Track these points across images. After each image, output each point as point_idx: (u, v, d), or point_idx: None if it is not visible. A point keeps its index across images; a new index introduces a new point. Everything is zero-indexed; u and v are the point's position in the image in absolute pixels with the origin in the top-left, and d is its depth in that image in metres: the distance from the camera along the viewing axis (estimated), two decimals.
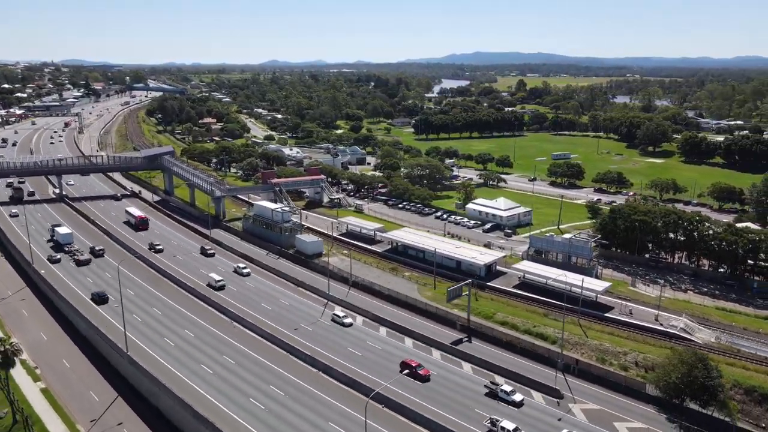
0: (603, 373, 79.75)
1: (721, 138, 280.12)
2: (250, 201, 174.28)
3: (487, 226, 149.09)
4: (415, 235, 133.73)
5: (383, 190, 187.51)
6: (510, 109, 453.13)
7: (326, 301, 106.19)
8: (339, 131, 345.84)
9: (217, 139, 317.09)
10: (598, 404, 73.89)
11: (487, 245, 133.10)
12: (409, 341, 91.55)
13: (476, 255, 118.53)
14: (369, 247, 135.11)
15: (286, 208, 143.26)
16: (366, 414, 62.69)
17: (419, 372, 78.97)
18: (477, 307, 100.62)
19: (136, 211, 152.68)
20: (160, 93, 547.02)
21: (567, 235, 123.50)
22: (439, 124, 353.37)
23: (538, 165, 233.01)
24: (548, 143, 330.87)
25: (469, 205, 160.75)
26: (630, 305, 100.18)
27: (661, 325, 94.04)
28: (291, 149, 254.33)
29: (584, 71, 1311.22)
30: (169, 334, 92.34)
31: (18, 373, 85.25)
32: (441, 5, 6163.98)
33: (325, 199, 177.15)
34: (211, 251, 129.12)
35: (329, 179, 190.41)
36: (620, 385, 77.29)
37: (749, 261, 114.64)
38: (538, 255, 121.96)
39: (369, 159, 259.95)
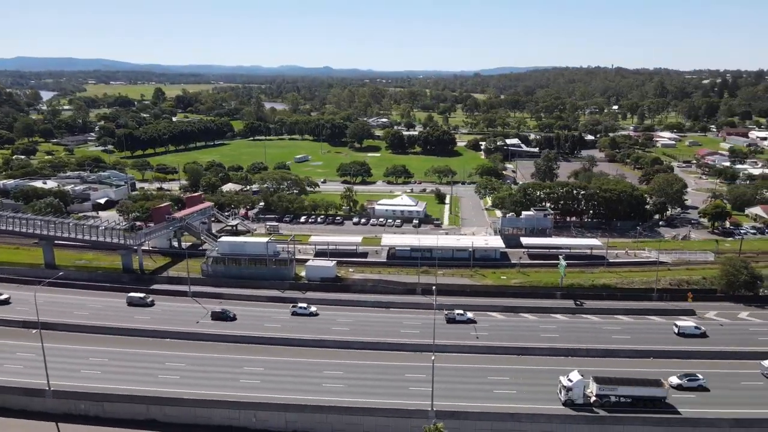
0: (677, 290, 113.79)
1: (415, 132, 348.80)
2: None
3: (416, 221, 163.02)
4: (407, 238, 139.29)
5: (252, 210, 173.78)
6: (175, 119, 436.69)
7: (444, 311, 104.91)
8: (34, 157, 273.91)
9: None
10: (715, 310, 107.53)
11: (447, 234, 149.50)
12: (559, 316, 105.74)
13: (481, 243, 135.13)
14: (364, 259, 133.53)
15: (271, 239, 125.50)
16: None
17: None
18: (539, 279, 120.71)
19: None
20: None
21: (528, 213, 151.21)
22: (146, 139, 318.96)
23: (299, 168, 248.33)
24: (271, 148, 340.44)
25: (379, 207, 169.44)
26: (615, 252, 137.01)
27: (641, 258, 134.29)
28: (44, 183, 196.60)
29: (162, 78, 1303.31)
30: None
31: None
32: None
33: (215, 228, 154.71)
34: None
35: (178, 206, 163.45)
36: (701, 295, 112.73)
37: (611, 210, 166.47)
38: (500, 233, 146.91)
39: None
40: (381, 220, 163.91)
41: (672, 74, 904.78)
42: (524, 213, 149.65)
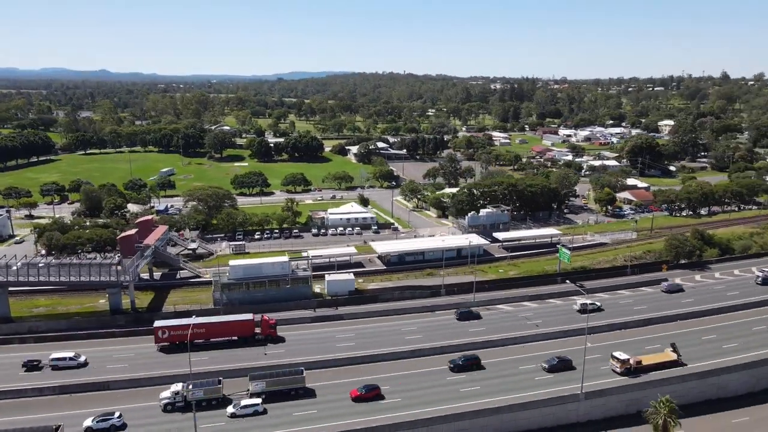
0: (647, 264, 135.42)
1: (280, 139, 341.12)
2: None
3: (375, 227, 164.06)
4: (398, 244, 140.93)
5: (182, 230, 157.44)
6: None
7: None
8: None
9: None
10: (678, 276, 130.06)
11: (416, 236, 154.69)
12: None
13: (466, 242, 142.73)
14: (363, 269, 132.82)
15: (284, 259, 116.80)
16: None
17: None
18: (531, 269, 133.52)
19: None
20: None
21: (488, 210, 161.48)
22: None
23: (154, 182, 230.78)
24: (122, 163, 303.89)
25: (333, 216, 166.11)
26: (571, 237, 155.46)
27: (591, 241, 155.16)
28: None
29: None
30: None
31: None
32: None
33: (172, 252, 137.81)
34: None
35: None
36: (659, 265, 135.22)
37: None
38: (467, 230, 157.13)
39: None
40: (340, 229, 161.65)
41: (455, 80, 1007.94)
42: (483, 210, 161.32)
